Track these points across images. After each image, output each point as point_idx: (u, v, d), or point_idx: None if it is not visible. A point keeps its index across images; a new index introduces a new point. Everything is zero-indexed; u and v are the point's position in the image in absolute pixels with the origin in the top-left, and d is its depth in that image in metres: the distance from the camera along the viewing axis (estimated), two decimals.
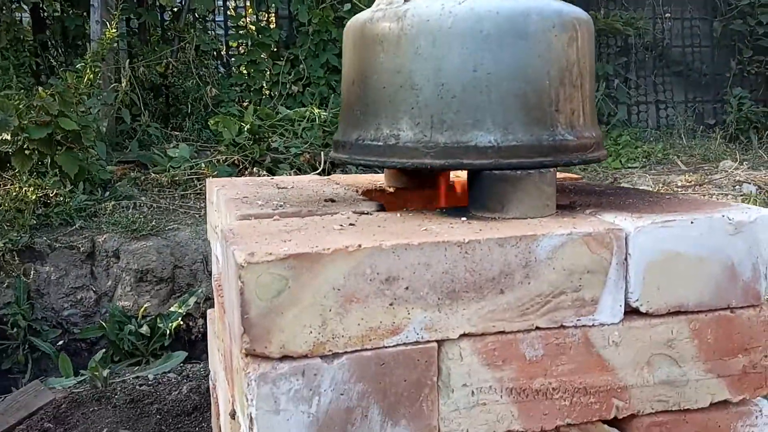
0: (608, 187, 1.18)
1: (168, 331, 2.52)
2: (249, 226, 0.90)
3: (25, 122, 3.03)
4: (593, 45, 0.99)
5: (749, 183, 3.50)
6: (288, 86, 4.52)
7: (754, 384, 0.93)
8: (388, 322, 0.80)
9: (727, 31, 5.01)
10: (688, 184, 3.50)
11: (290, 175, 3.68)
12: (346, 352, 0.79)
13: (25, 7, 4.52)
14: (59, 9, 4.48)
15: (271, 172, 3.77)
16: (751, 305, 0.91)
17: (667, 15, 5.04)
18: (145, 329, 2.53)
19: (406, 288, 0.80)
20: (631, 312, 0.87)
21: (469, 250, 0.81)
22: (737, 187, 3.47)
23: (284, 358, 0.77)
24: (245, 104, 4.44)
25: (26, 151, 3.10)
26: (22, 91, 3.54)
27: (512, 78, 0.90)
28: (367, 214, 0.98)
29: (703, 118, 5.01)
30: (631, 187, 1.18)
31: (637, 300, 0.87)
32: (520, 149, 0.90)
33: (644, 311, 0.87)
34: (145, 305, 2.69)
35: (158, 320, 2.59)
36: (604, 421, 0.89)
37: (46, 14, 4.56)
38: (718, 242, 0.88)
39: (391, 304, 0.80)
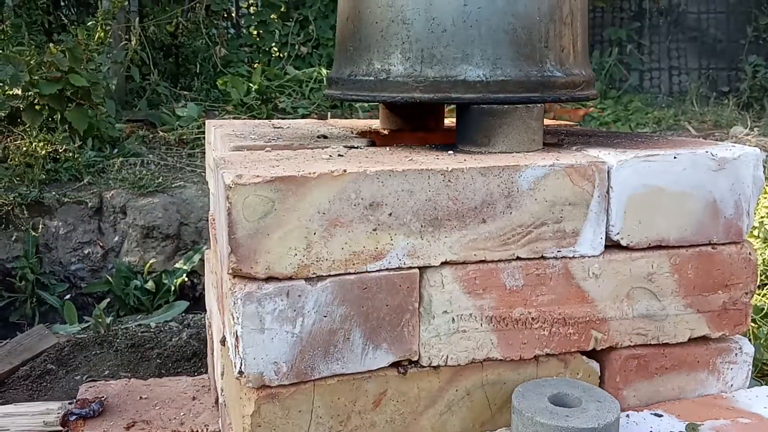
0: (600, 131, 1.18)
1: (173, 287, 2.56)
2: (240, 155, 0.92)
3: (36, 78, 3.05)
4: None
5: (759, 148, 3.47)
6: (297, 47, 4.50)
7: (734, 321, 0.94)
8: (372, 247, 0.82)
9: None
10: None
11: None
12: (329, 276, 0.81)
13: None
14: None
15: None
16: (732, 242, 0.92)
17: None
18: (150, 285, 2.57)
19: (390, 214, 0.82)
20: (611, 245, 0.89)
21: (452, 178, 0.82)
22: None
23: (270, 279, 0.79)
24: (254, 65, 4.44)
25: (36, 107, 3.13)
26: (34, 48, 3.55)
27: (502, 12, 0.90)
28: (357, 148, 0.99)
29: (717, 85, 4.93)
30: (625, 132, 1.18)
31: (618, 233, 0.88)
32: (508, 84, 0.91)
33: (625, 245, 0.88)
34: (151, 261, 2.73)
35: (163, 276, 2.64)
36: (583, 353, 0.91)
37: None
38: (701, 178, 0.89)
39: (374, 230, 0.81)
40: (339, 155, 0.91)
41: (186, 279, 2.68)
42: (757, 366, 1.50)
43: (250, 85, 4.01)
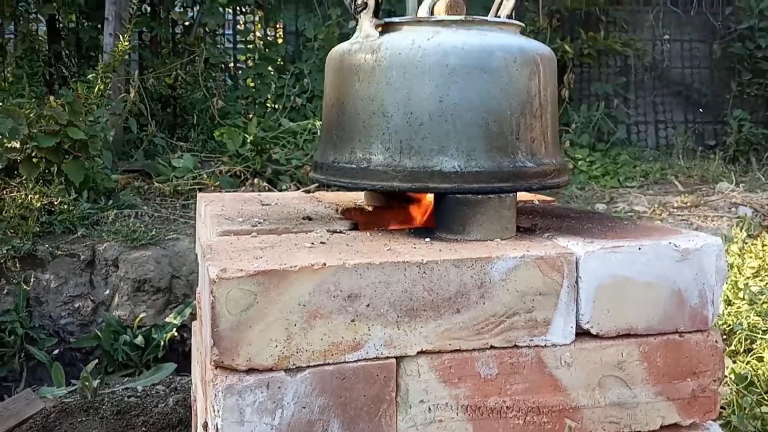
0: (573, 210, 1.23)
1: (162, 342, 2.56)
2: (227, 242, 0.95)
3: (35, 131, 3.11)
4: (555, 78, 1.04)
5: (745, 205, 3.53)
6: (292, 99, 4.60)
7: (704, 408, 0.96)
8: (350, 337, 0.85)
9: (726, 53, 5.06)
10: (684, 205, 3.53)
11: (290, 186, 3.76)
12: (309, 366, 0.84)
13: (41, 18, 4.64)
14: (74, 21, 4.60)
15: (272, 184, 3.83)
16: (698, 330, 0.95)
17: (666, 37, 5.10)
18: (139, 339, 2.57)
19: (368, 305, 0.85)
20: (582, 333, 0.92)
21: (427, 270, 0.86)
22: (733, 209, 3.50)
23: (251, 370, 0.82)
24: (250, 116, 4.52)
25: (34, 159, 3.17)
26: (34, 100, 3.62)
27: (475, 108, 0.95)
28: (339, 232, 1.03)
29: (703, 138, 5.04)
30: (596, 211, 1.23)
31: (588, 322, 0.91)
32: (482, 175, 0.95)
33: (595, 333, 0.92)
34: (141, 315, 2.74)
35: (153, 331, 2.63)
36: None
37: (61, 25, 4.67)
38: (666, 268, 0.93)
39: (352, 321, 0.85)
40: (321, 242, 0.95)
41: (176, 333, 2.68)
42: None
43: (246, 136, 4.08)
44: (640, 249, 0.91)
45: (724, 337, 2.12)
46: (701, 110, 4.96)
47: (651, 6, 5.11)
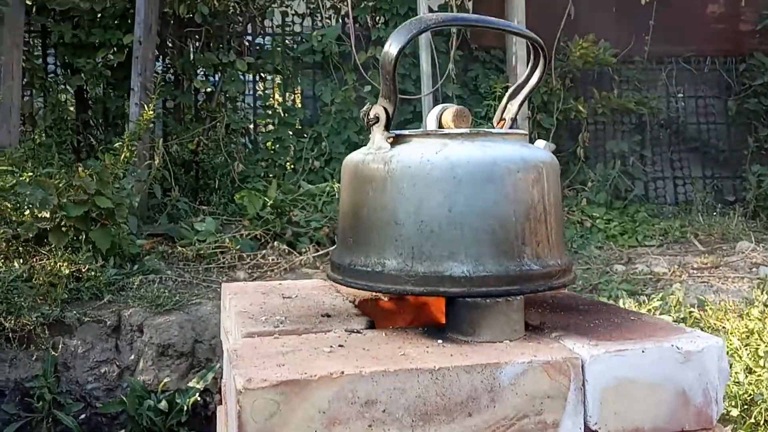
0: (582, 301, 1.27)
1: (185, 407, 2.61)
2: (251, 345, 1.02)
3: (64, 200, 3.24)
4: (558, 182, 1.11)
5: (766, 265, 3.52)
6: (311, 162, 4.73)
7: None
8: None
9: (741, 109, 5.12)
10: (703, 265, 3.52)
11: (309, 248, 3.83)
12: None
13: (69, 89, 4.88)
14: (102, 91, 4.82)
15: (292, 246, 3.91)
16: (703, 428, 0.98)
17: (680, 95, 5.19)
18: (163, 404, 2.62)
19: (384, 411, 0.90)
20: None
21: (440, 376, 0.91)
22: (754, 269, 3.49)
23: None
24: (270, 177, 4.65)
25: (63, 228, 3.29)
26: (63, 169, 3.77)
27: (482, 216, 1.02)
28: (357, 332, 1.09)
29: (723, 194, 5.05)
30: (603, 302, 1.27)
31: (596, 423, 0.95)
32: (490, 279, 1.01)
33: None
34: (165, 380, 2.79)
35: (176, 395, 2.69)
36: None
37: (88, 95, 4.89)
38: (669, 370, 0.97)
39: (370, 426, 0.89)
40: (339, 345, 1.01)
41: (198, 398, 2.73)
42: None
43: (266, 199, 4.20)
44: (643, 352, 0.96)
45: (745, 406, 2.10)
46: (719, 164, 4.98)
47: (663, 64, 5.22)
